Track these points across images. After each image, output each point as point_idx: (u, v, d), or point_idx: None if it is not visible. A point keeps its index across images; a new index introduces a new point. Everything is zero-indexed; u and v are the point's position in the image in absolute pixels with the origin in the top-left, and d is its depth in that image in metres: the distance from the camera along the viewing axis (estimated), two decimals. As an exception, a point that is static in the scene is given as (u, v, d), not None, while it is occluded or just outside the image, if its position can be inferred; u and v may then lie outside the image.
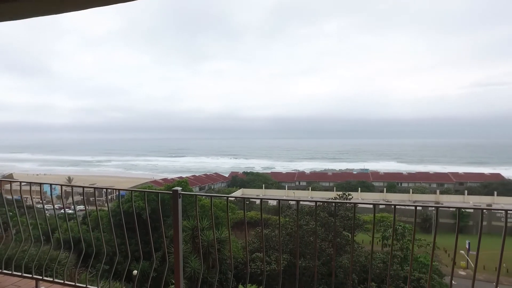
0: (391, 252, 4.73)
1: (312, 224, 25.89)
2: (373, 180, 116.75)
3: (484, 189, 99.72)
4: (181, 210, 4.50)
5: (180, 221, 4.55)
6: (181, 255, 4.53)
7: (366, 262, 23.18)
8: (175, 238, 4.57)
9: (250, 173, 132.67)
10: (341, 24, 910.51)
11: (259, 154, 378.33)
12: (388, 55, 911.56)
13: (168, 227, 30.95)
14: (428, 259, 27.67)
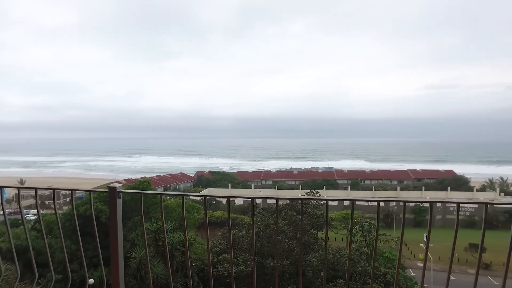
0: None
1: (280, 222, 25.51)
2: (337, 178, 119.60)
3: (439, 185, 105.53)
4: (121, 211, 3.64)
5: (120, 225, 3.69)
6: (121, 263, 3.68)
7: (334, 259, 23.18)
8: (112, 244, 3.69)
9: (216, 173, 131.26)
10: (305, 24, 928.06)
11: (225, 154, 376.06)
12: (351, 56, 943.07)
13: (129, 230, 29.38)
14: (393, 254, 28.33)
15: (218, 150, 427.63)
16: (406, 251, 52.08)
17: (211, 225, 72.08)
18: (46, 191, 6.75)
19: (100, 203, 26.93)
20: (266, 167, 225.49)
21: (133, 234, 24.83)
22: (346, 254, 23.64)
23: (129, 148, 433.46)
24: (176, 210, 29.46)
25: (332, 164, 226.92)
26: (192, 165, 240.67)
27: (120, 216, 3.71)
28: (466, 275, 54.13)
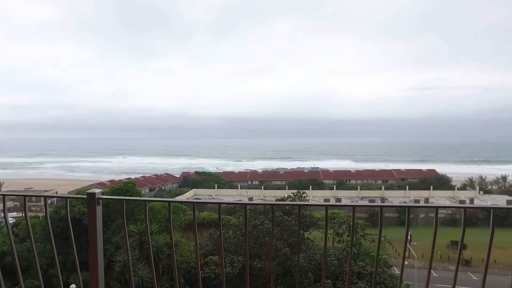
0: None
1: (267, 223, 25.39)
2: (323, 178, 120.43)
3: (422, 184, 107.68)
4: (101, 219, 3.41)
5: (100, 234, 3.45)
6: (101, 272, 3.45)
7: (321, 260, 23.19)
8: (91, 253, 3.46)
9: (202, 173, 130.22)
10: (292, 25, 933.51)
11: (212, 154, 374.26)
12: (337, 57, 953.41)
13: (113, 232, 28.70)
14: (380, 254, 28.52)
15: (205, 150, 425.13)
16: (391, 250, 52.77)
17: (198, 226, 71.59)
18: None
19: (83, 206, 26.20)
20: (252, 167, 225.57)
21: (118, 237, 24.24)
22: (333, 254, 23.71)
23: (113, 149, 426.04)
24: (162, 212, 29.03)
25: (318, 164, 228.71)
26: (178, 166, 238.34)
27: (100, 225, 3.47)
28: (448, 271, 55.39)
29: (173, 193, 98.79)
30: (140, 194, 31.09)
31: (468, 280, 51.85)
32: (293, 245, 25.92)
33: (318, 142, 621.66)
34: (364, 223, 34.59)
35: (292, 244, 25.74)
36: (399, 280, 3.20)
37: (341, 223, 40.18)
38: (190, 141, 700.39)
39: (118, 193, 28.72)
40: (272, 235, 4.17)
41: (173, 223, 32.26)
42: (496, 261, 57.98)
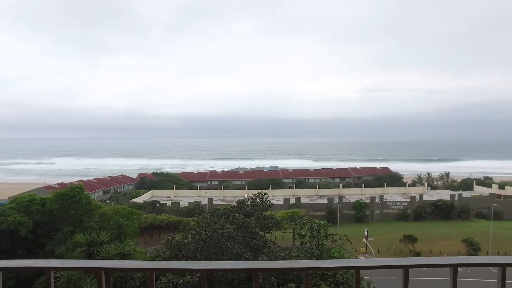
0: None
1: (228, 227, 24.41)
2: (283, 177, 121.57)
3: (376, 182, 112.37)
4: None
5: None
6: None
7: (285, 263, 22.58)
8: None
9: (160, 174, 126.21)
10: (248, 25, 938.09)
11: (170, 154, 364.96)
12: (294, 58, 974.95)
13: (57, 243, 25.78)
14: (342, 253, 28.72)
15: (163, 151, 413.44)
16: (349, 246, 53.97)
17: (155, 229, 68.69)
18: None
19: (20, 215, 23.10)
20: (212, 167, 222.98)
21: (62, 248, 21.57)
22: (295, 255, 23.28)
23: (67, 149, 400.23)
24: (114, 218, 26.71)
25: (277, 163, 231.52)
26: (134, 167, 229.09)
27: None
28: (402, 265, 57.94)
29: (130, 195, 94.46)
30: (90, 199, 28.60)
31: (418, 271, 54.75)
32: (255, 248, 25.18)
33: (277, 141, 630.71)
34: (326, 223, 34.75)
35: (255, 248, 25.00)
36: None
37: (304, 223, 40.21)
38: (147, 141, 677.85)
39: (63, 199, 25.84)
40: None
41: (127, 229, 30.14)
42: (442, 251, 61.91)
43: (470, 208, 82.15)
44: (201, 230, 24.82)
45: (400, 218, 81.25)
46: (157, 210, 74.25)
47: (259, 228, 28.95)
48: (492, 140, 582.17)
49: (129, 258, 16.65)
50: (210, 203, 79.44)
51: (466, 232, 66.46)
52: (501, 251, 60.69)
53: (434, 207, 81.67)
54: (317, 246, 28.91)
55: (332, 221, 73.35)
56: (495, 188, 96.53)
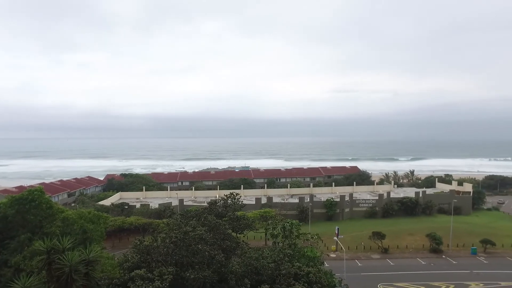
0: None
1: (200, 229, 23.79)
2: (254, 177, 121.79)
3: (346, 180, 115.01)
4: None
5: None
6: None
7: (258, 264, 22.31)
8: None
9: (129, 175, 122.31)
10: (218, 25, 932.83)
11: (140, 155, 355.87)
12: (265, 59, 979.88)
13: (12, 252, 23.64)
14: (314, 253, 28.86)
15: (132, 151, 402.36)
16: (320, 244, 54.69)
17: (124, 232, 66.30)
18: None
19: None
20: (183, 168, 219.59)
21: (18, 258, 19.75)
22: (269, 256, 23.07)
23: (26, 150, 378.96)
24: (78, 223, 25.12)
25: (249, 163, 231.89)
26: (101, 168, 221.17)
27: None
28: (371, 260, 59.67)
29: (97, 197, 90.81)
30: (51, 202, 26.80)
31: (387, 266, 56.58)
32: (228, 250, 24.73)
33: (249, 141, 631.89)
34: (298, 223, 34.81)
35: (227, 249, 24.54)
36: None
37: (276, 223, 40.09)
38: (115, 141, 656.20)
39: (20, 203, 23.84)
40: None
41: (92, 234, 28.63)
42: (408, 247, 64.26)
43: (433, 204, 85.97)
44: (172, 232, 24.03)
45: (369, 216, 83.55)
46: (126, 213, 71.79)
47: (232, 229, 28.55)
48: (452, 140, 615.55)
49: (95, 265, 15.69)
50: (181, 204, 77.91)
51: (430, 227, 69.42)
52: (459, 243, 63.96)
53: (400, 204, 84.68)
54: (289, 246, 28.90)
55: (304, 220, 74.20)
56: (454, 184, 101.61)
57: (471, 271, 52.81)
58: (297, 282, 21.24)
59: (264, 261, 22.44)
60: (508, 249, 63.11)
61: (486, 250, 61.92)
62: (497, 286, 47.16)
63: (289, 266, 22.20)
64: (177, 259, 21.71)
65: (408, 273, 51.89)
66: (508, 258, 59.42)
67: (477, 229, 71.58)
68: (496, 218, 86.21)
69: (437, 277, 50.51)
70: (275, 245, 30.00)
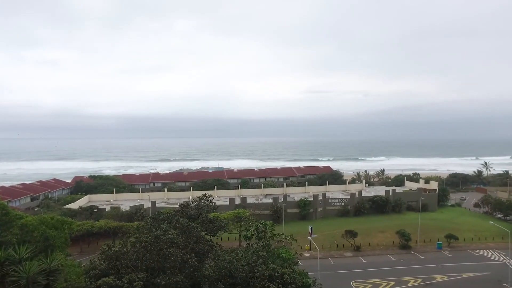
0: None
1: (171, 232, 23.03)
2: (228, 178, 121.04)
3: (319, 180, 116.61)
4: None
5: None
6: None
7: (231, 267, 21.82)
8: None
9: (98, 177, 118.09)
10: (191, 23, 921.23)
11: (110, 156, 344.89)
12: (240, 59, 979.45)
13: None
14: (289, 253, 28.75)
15: (102, 152, 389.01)
16: (294, 244, 55.00)
17: (93, 236, 63.67)
18: None
19: None
20: (155, 169, 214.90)
21: None
22: (242, 259, 22.70)
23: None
24: (39, 229, 23.35)
25: (223, 163, 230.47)
26: (69, 170, 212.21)
27: None
28: (344, 258, 60.72)
29: (63, 201, 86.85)
30: (7, 208, 24.94)
31: (359, 263, 57.82)
32: (201, 253, 24.10)
33: (224, 141, 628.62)
34: (272, 224, 34.65)
35: (200, 252, 23.90)
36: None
37: (249, 225, 39.67)
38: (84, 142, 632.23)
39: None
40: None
41: (55, 241, 26.96)
42: (379, 244, 66.00)
43: (402, 202, 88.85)
44: (142, 237, 23.07)
45: (341, 214, 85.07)
46: (95, 216, 69.11)
47: (205, 231, 27.91)
48: (419, 140, 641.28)
49: (57, 274, 14.62)
50: (153, 206, 76.00)
51: (399, 224, 71.69)
52: (426, 239, 66.52)
53: (371, 202, 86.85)
54: (263, 247, 28.62)
55: (278, 219, 74.47)
56: (421, 183, 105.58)
57: (437, 265, 55.32)
58: (272, 284, 21.01)
59: (238, 263, 22.05)
60: (469, 243, 66.56)
61: (450, 244, 64.89)
62: (459, 278, 50.09)
63: (263, 268, 21.92)
64: (148, 264, 20.84)
65: (379, 270, 53.26)
66: (469, 251, 62.72)
67: (442, 225, 74.73)
68: (458, 213, 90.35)
69: (406, 272, 52.25)
70: (249, 247, 29.65)
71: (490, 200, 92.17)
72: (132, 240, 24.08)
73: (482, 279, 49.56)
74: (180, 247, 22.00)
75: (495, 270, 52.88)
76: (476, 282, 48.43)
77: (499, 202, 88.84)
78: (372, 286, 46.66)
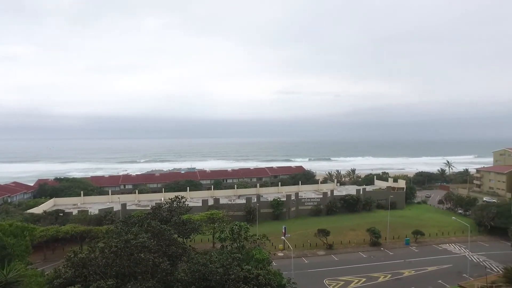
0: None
1: (142, 236, 22.29)
2: (200, 179, 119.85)
3: (292, 180, 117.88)
4: None
5: None
6: None
7: (205, 270, 21.39)
8: None
9: (64, 180, 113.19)
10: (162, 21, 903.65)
11: (79, 157, 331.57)
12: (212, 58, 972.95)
13: None
14: (263, 254, 28.67)
15: (71, 154, 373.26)
16: (268, 244, 55.19)
17: (58, 242, 60.71)
18: None
19: None
20: (125, 170, 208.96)
21: None
22: (217, 261, 22.36)
23: None
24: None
25: (195, 164, 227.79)
26: (32, 173, 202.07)
27: None
28: (317, 257, 61.73)
29: (25, 205, 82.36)
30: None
31: (331, 261, 58.94)
32: (174, 256, 23.50)
33: (196, 142, 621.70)
34: (246, 225, 34.47)
35: (173, 256, 23.30)
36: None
37: (224, 226, 39.12)
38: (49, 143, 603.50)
39: None
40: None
41: (13, 249, 25.27)
42: (350, 241, 67.63)
43: (372, 201, 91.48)
44: (111, 241, 22.12)
45: (314, 214, 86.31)
46: (61, 221, 66.06)
47: (178, 234, 27.24)
48: (390, 140, 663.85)
49: (16, 286, 13.58)
50: (124, 209, 73.76)
51: (370, 222, 73.79)
52: (395, 235, 69.00)
53: (343, 201, 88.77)
54: (238, 249, 28.37)
55: (251, 220, 74.43)
56: (390, 181, 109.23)
57: (405, 260, 57.65)
58: (247, 286, 20.85)
59: (212, 266, 21.71)
60: (434, 238, 69.88)
61: (417, 240, 67.69)
62: (425, 272, 52.68)
63: (238, 270, 21.71)
64: (118, 270, 20.00)
65: (351, 267, 54.55)
66: (434, 246, 65.91)
67: (410, 222, 77.74)
68: (424, 210, 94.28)
69: (377, 268, 53.90)
70: (223, 249, 29.30)
71: (452, 197, 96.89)
72: (101, 245, 23.06)
73: (445, 271, 52.47)
74: (152, 251, 21.35)
75: (456, 262, 56.22)
76: (440, 274, 51.07)
77: (460, 198, 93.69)
78: (344, 283, 47.77)
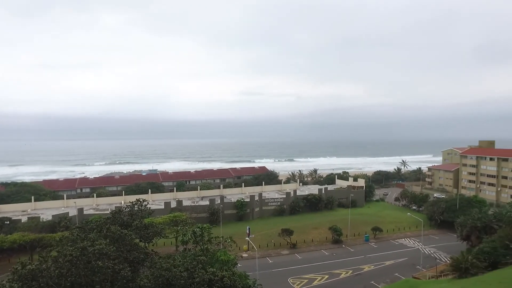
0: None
1: (100, 242, 21.08)
2: (162, 181, 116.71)
3: (255, 180, 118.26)
4: None
5: None
6: None
7: (169, 275, 20.65)
8: None
9: (12, 184, 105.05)
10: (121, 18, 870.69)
11: (29, 160, 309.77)
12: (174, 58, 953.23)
13: None
14: (228, 255, 28.33)
15: (20, 156, 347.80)
16: (233, 245, 54.90)
17: (3, 253, 55.97)
18: None
19: None
20: (83, 173, 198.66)
21: None
22: (181, 265, 21.70)
23: None
24: None
25: (157, 166, 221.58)
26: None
27: None
28: (281, 256, 62.30)
29: (-34, 213, 75.38)
30: None
31: (295, 260, 59.81)
32: (135, 262, 22.46)
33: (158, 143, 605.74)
34: (209, 226, 33.89)
35: (134, 261, 22.25)
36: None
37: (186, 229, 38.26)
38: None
39: None
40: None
41: None
42: (313, 240, 69.12)
43: (333, 199, 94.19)
44: (66, 249, 20.62)
45: (277, 214, 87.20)
46: (7, 229, 61.14)
47: (139, 239, 26.11)
48: (349, 140, 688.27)
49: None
50: (80, 214, 69.93)
51: (331, 221, 75.88)
52: (356, 233, 71.58)
53: (306, 201, 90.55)
54: (202, 251, 27.83)
55: (215, 221, 73.66)
56: (351, 180, 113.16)
57: (365, 256, 59.98)
58: (212, 287, 20.44)
59: (176, 270, 21.04)
60: (391, 234, 73.31)
61: (376, 236, 70.65)
62: (383, 266, 55.34)
63: (203, 272, 21.23)
64: (74, 280, 18.70)
65: (314, 265, 55.72)
66: (391, 241, 69.20)
67: (369, 219, 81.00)
68: (382, 207, 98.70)
69: (338, 265, 55.54)
70: (185, 252, 28.54)
71: (407, 194, 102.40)
72: (54, 254, 21.45)
73: (400, 265, 55.51)
74: (111, 257, 20.23)
75: (411, 255, 59.66)
76: (396, 268, 53.89)
77: (414, 195, 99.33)
78: (308, 281, 48.69)
